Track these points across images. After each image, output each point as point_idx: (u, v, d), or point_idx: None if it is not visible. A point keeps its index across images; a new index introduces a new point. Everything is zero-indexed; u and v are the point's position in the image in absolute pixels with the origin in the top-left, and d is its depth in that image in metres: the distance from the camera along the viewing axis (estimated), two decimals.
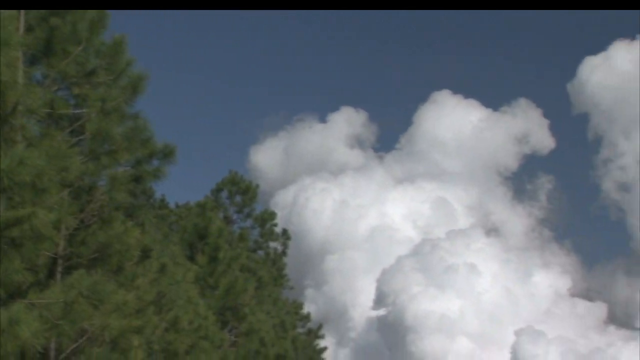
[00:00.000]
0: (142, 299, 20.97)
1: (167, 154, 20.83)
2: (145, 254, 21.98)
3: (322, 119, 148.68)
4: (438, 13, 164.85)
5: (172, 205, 55.56)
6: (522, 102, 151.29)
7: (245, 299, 35.75)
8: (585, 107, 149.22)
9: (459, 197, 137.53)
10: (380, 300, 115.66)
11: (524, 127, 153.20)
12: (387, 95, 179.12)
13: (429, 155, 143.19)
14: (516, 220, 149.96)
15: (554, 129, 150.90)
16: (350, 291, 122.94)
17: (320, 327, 61.47)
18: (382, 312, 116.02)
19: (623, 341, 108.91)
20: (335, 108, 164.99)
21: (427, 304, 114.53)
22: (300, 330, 55.97)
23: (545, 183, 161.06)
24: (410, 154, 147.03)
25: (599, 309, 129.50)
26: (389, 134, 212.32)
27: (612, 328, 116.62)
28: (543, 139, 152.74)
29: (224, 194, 57.34)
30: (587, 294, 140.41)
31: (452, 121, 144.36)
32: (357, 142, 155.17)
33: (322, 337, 59.88)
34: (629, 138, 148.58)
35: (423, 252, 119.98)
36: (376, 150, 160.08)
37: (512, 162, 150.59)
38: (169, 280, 26.27)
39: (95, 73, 18.94)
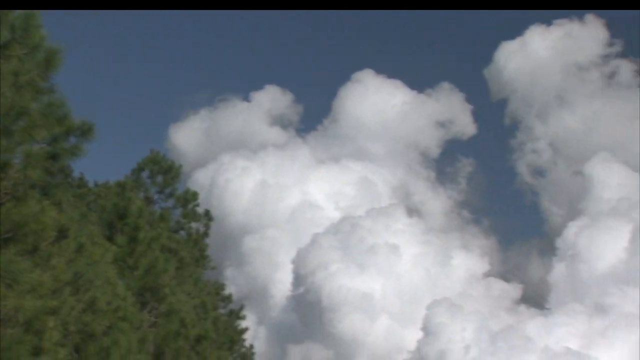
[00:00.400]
0: (59, 279, 20.55)
1: (85, 132, 20.36)
2: (62, 234, 21.50)
3: (246, 98, 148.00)
4: None
5: (91, 184, 54.44)
6: (446, 86, 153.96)
7: (165, 280, 35.37)
8: (503, 93, 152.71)
9: (382, 178, 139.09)
10: (298, 279, 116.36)
11: (447, 111, 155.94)
12: (311, 75, 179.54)
13: (352, 135, 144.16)
14: (437, 202, 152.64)
15: (476, 114, 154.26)
16: (271, 271, 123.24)
17: (241, 308, 61.40)
18: (300, 291, 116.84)
19: (532, 319, 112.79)
20: (259, 87, 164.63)
21: (346, 283, 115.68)
22: (221, 311, 55.73)
23: (465, 166, 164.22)
24: (334, 134, 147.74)
25: (514, 290, 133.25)
26: (313, 113, 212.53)
27: (523, 307, 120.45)
28: (464, 124, 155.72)
29: (145, 174, 56.52)
30: (504, 275, 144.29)
31: (376, 102, 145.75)
32: (281, 122, 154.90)
33: (243, 318, 59.82)
34: (545, 123, 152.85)
35: (343, 231, 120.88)
36: (300, 130, 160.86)
37: (434, 145, 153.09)
38: (87, 260, 25.71)
39: (8, 47, 18.33)
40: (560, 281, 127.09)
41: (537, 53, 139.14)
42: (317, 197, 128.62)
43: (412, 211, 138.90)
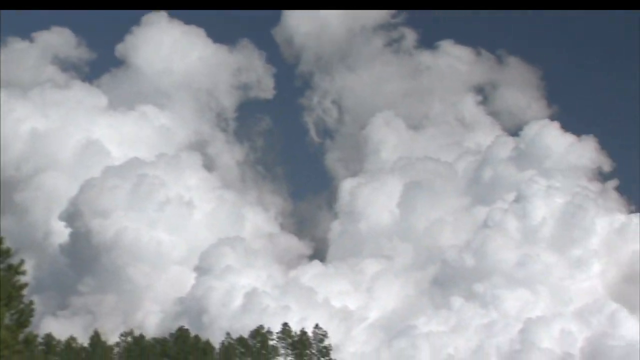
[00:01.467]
0: None
1: None
2: None
3: (29, 38, 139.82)
4: None
5: None
6: (246, 43, 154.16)
7: None
8: (294, 54, 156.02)
9: (179, 129, 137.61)
10: (78, 226, 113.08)
11: (246, 68, 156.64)
12: (99, 18, 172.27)
13: (145, 81, 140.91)
14: (232, 157, 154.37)
15: (273, 74, 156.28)
16: (49, 219, 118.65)
17: (21, 263, 58.78)
18: (80, 238, 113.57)
19: (316, 271, 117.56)
20: (44, 27, 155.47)
21: (137, 232, 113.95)
22: None
23: (261, 124, 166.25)
24: (127, 79, 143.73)
25: (302, 243, 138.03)
26: (103, 57, 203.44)
27: (308, 260, 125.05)
28: (262, 82, 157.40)
29: None
30: (293, 229, 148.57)
31: (175, 49, 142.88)
32: (66, 64, 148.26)
33: (23, 273, 57.32)
34: (332, 84, 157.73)
35: (131, 179, 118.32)
36: (88, 74, 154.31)
37: (233, 101, 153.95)
38: None
39: None
40: (339, 236, 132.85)
41: (325, 17, 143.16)
42: (105, 143, 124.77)
43: (208, 165, 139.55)
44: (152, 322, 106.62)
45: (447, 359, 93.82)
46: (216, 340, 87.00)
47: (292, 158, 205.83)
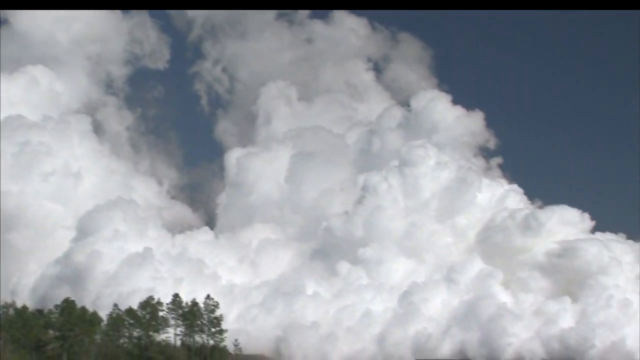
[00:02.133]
0: None
1: None
2: None
3: None
4: None
5: None
6: (139, 11, 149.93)
7: None
8: (185, 22, 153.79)
9: (66, 92, 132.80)
10: None
11: (140, 36, 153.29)
12: None
13: (35, 44, 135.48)
14: (122, 125, 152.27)
15: (167, 43, 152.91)
16: None
17: None
18: None
19: (205, 240, 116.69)
20: None
21: (16, 195, 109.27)
22: None
23: (154, 92, 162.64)
24: (13, 40, 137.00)
25: (190, 212, 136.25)
26: None
27: (197, 229, 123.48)
28: (156, 51, 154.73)
29: None
30: (184, 198, 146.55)
31: (65, 14, 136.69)
32: None
33: None
34: (222, 53, 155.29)
35: (12, 137, 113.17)
36: None
37: (124, 69, 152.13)
38: None
39: None
40: (228, 205, 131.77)
41: None
42: None
43: (97, 131, 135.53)
44: (30, 285, 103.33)
45: (333, 322, 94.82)
46: (102, 306, 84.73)
47: (184, 127, 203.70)
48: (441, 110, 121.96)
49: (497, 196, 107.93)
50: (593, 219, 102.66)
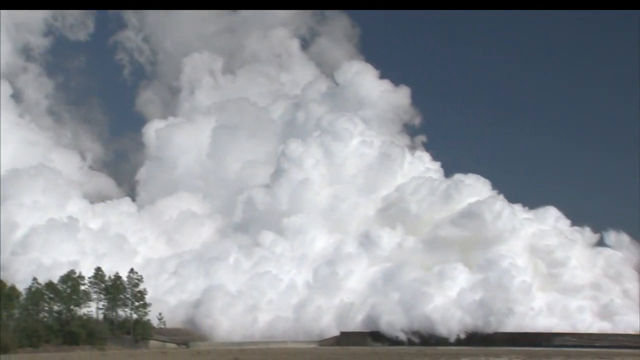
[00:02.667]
0: None
1: None
2: None
3: None
4: None
5: None
6: None
7: None
8: None
9: None
10: None
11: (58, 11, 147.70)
12: None
13: None
14: (41, 94, 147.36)
15: (90, 13, 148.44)
16: None
17: None
18: None
19: (129, 212, 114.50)
20: None
21: None
22: None
23: (75, 63, 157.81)
24: None
25: (111, 184, 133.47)
26: None
27: (118, 201, 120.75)
28: (79, 21, 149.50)
29: None
30: (105, 170, 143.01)
31: None
32: None
33: None
34: (143, 23, 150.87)
35: None
36: None
37: (44, 40, 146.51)
38: None
39: None
40: (148, 177, 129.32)
41: None
42: None
43: (17, 99, 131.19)
44: None
45: (255, 293, 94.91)
46: (19, 279, 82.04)
47: (106, 98, 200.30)
48: (367, 83, 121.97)
49: (419, 171, 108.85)
50: (502, 192, 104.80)
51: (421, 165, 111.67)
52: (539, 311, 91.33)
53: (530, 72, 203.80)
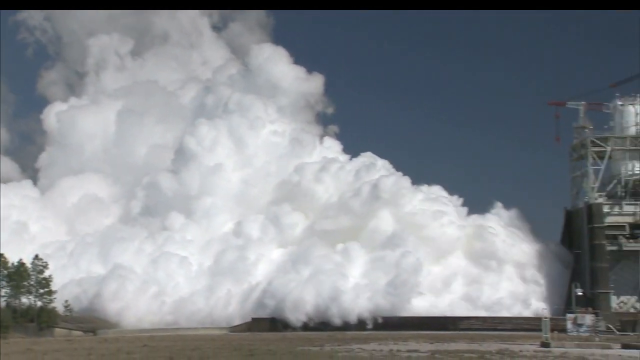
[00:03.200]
0: None
1: None
2: None
3: None
4: None
5: None
6: None
7: None
8: None
9: None
10: None
11: None
12: None
13: None
14: None
15: None
16: None
17: None
18: None
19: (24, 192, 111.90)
20: None
21: None
22: None
23: None
24: None
25: (17, 166, 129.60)
26: None
27: (26, 184, 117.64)
28: None
29: None
30: (8, 151, 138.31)
31: None
32: None
33: None
34: None
35: None
36: None
37: None
38: None
39: None
40: (50, 160, 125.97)
41: None
42: None
43: None
44: None
45: (160, 276, 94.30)
46: None
47: (10, 78, 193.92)
48: (280, 68, 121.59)
49: (328, 159, 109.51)
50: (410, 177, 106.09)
51: (331, 155, 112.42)
52: (443, 294, 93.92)
53: (444, 64, 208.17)
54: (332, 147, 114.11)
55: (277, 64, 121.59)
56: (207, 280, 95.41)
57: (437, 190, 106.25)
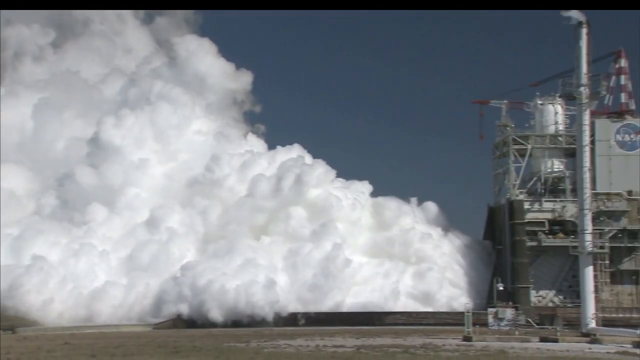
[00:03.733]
0: None
1: None
2: None
3: None
4: None
5: None
6: None
7: None
8: None
9: None
10: None
11: None
12: None
13: None
14: None
15: None
16: None
17: None
18: None
19: None
20: None
21: None
22: None
23: None
24: None
25: None
26: None
27: None
28: None
29: None
30: None
31: None
32: None
33: None
34: None
35: None
36: None
37: None
38: None
39: None
40: None
41: None
42: None
43: None
44: None
45: (78, 270, 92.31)
46: None
47: None
48: (207, 61, 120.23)
49: (250, 152, 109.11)
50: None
51: (255, 149, 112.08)
52: (368, 289, 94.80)
53: (371, 63, 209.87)
54: (257, 145, 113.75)
55: (204, 58, 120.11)
56: (126, 274, 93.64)
57: (362, 187, 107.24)
